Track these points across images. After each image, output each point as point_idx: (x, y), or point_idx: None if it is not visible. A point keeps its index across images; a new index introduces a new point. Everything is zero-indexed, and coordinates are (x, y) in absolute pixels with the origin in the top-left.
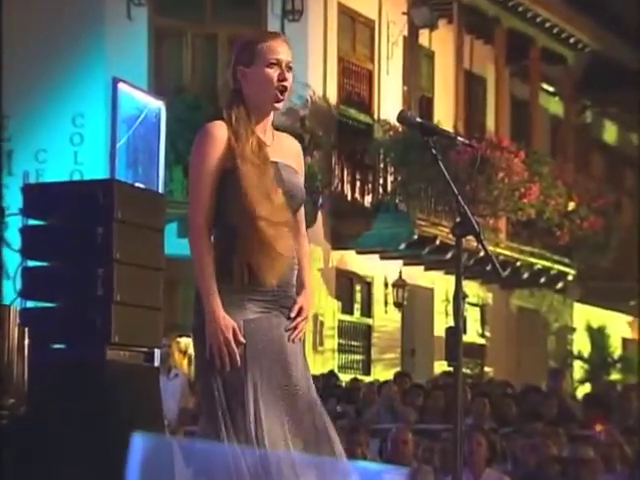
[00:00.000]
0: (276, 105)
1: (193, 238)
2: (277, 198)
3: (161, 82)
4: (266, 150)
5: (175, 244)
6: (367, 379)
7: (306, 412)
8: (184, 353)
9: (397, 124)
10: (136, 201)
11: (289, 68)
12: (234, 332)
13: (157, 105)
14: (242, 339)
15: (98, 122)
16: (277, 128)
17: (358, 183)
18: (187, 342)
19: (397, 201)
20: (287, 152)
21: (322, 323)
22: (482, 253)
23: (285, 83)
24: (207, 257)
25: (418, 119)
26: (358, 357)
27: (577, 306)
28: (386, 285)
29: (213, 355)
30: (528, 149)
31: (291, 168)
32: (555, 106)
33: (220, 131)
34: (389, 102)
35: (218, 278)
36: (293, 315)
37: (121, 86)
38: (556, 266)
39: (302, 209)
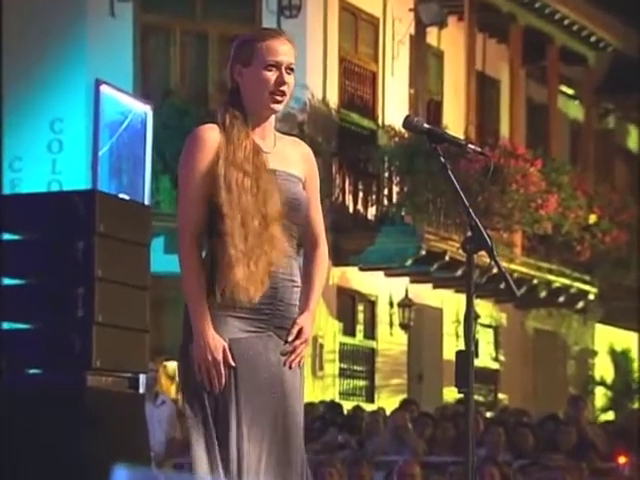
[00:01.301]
0: (273, 106)
1: (182, 249)
2: (270, 209)
3: (147, 84)
4: (263, 157)
5: (162, 260)
6: (370, 407)
7: (292, 452)
8: (172, 379)
9: (403, 130)
10: (120, 213)
11: (290, 70)
12: (224, 353)
13: (143, 109)
14: (232, 361)
15: (78, 128)
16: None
17: (361, 194)
18: (175, 367)
19: (403, 213)
20: (291, 159)
21: (322, 346)
22: (495, 270)
23: (283, 87)
24: (196, 270)
25: (426, 125)
26: (361, 383)
27: (599, 327)
28: (391, 305)
29: (201, 377)
30: (545, 157)
31: (294, 177)
32: (575, 110)
33: (211, 134)
34: (394, 106)
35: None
36: (291, 338)
37: (104, 89)
38: (576, 284)
39: (318, 221)
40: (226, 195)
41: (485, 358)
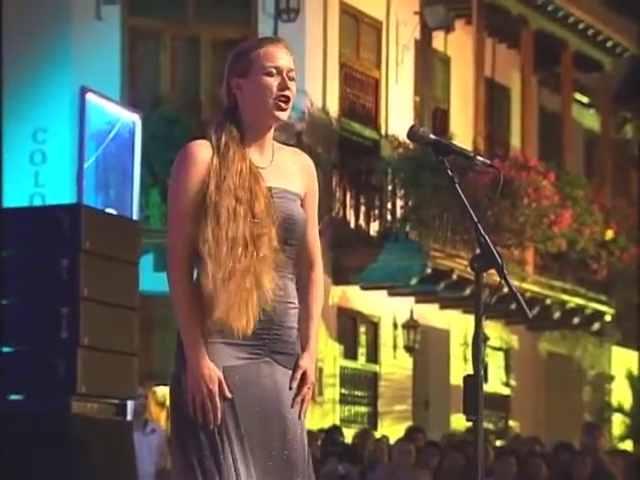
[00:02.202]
0: (277, 114)
1: (172, 273)
2: (264, 234)
3: (136, 92)
4: (259, 178)
5: (151, 279)
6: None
7: None
8: (162, 405)
9: (407, 140)
10: (107, 229)
11: (291, 78)
12: (220, 384)
13: (131, 119)
14: (228, 393)
15: (63, 138)
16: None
17: (363, 208)
18: (165, 392)
19: (407, 229)
20: (289, 173)
21: (321, 370)
22: (506, 289)
23: (287, 93)
24: (188, 295)
25: (432, 135)
26: (363, 409)
27: (616, 350)
28: (395, 326)
29: (195, 410)
30: (559, 169)
31: (291, 194)
32: (590, 119)
33: (202, 152)
34: (398, 115)
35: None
36: (295, 384)
37: (89, 97)
38: (591, 304)
39: (314, 240)
40: (214, 224)
41: (495, 383)
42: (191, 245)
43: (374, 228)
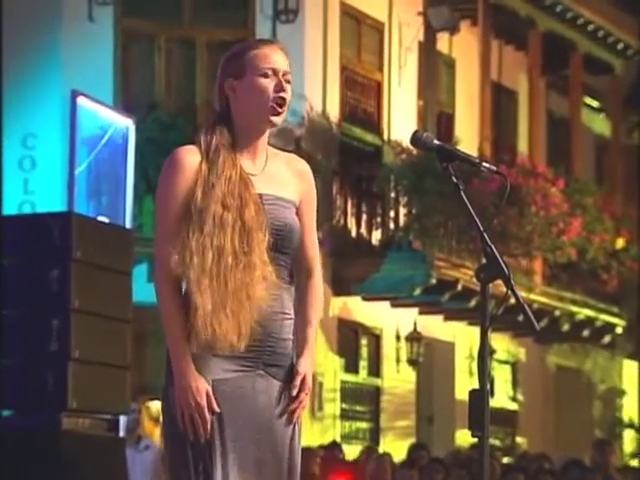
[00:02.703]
0: (272, 118)
1: (159, 285)
2: (255, 243)
3: (129, 96)
4: (249, 185)
5: (145, 289)
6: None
7: None
8: (156, 420)
9: (410, 146)
10: (99, 238)
11: (287, 81)
12: (208, 397)
13: (124, 124)
14: (217, 407)
15: (53, 144)
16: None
17: (364, 216)
18: (159, 407)
19: (411, 238)
20: (283, 179)
21: (321, 384)
22: (513, 301)
23: (283, 95)
24: (176, 307)
25: (436, 141)
26: (364, 425)
27: (627, 364)
28: (398, 338)
29: (184, 424)
30: (568, 176)
31: (284, 201)
32: (600, 124)
33: (190, 158)
34: (401, 119)
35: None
36: (296, 391)
37: (81, 101)
38: (602, 316)
39: (312, 248)
40: (199, 232)
41: (502, 398)
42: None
43: (376, 237)
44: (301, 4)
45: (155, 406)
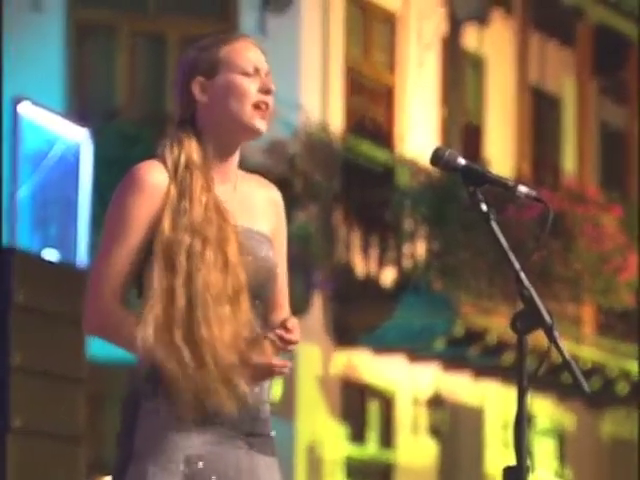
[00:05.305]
0: (258, 125)
1: (98, 313)
2: (238, 286)
3: (84, 102)
4: (228, 215)
5: (103, 342)
6: None
7: None
8: None
9: (430, 166)
10: (45, 278)
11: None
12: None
13: (78, 136)
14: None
15: None
16: (251, 170)
17: (373, 251)
18: None
19: (431, 278)
20: (256, 209)
21: (320, 458)
22: (557, 356)
23: (268, 99)
24: (131, 318)
25: (461, 159)
26: None
27: None
28: (415, 402)
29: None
30: (625, 202)
31: (258, 235)
32: None
33: (155, 176)
34: (418, 133)
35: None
36: (290, 324)
37: (24, 108)
38: None
39: (283, 290)
40: (169, 272)
41: (545, 475)
42: (123, 291)
43: (388, 277)
44: None
45: None
